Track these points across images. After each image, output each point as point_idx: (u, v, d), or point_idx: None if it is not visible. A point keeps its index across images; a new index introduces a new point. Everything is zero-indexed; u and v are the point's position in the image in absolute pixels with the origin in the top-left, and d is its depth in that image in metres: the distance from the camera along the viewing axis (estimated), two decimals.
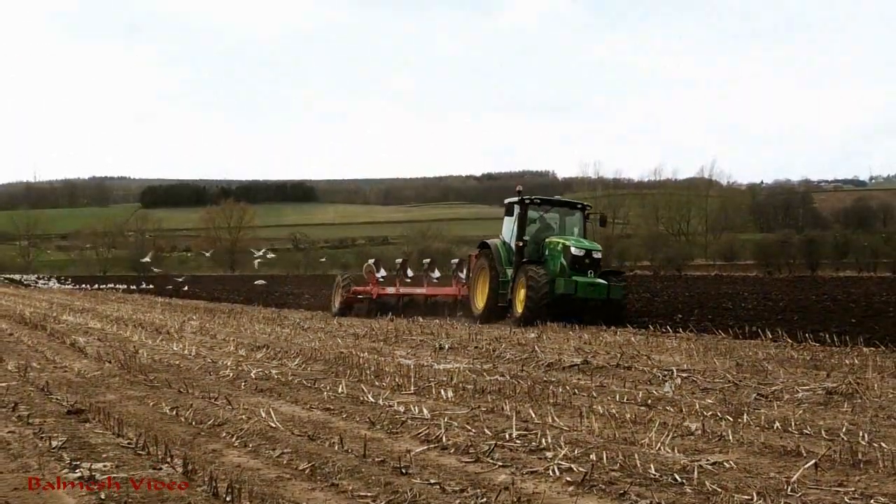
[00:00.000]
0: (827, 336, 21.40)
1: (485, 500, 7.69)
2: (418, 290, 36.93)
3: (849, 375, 15.05)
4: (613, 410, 12.05)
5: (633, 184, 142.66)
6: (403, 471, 8.63)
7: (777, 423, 10.95)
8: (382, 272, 37.84)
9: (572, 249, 29.39)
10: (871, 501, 7.60)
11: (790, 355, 18.71)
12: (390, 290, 36.80)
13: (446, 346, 21.19)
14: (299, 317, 34.64)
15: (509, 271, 30.50)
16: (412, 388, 14.32)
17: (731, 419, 11.40)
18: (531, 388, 14.10)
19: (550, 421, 11.22)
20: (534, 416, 11.61)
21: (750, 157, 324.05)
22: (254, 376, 15.96)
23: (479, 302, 31.41)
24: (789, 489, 7.92)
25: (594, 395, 13.68)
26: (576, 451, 9.39)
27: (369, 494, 7.88)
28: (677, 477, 8.30)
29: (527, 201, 31.23)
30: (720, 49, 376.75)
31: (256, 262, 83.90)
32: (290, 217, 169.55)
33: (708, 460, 9.06)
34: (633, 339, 22.98)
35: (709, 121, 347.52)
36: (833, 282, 51.85)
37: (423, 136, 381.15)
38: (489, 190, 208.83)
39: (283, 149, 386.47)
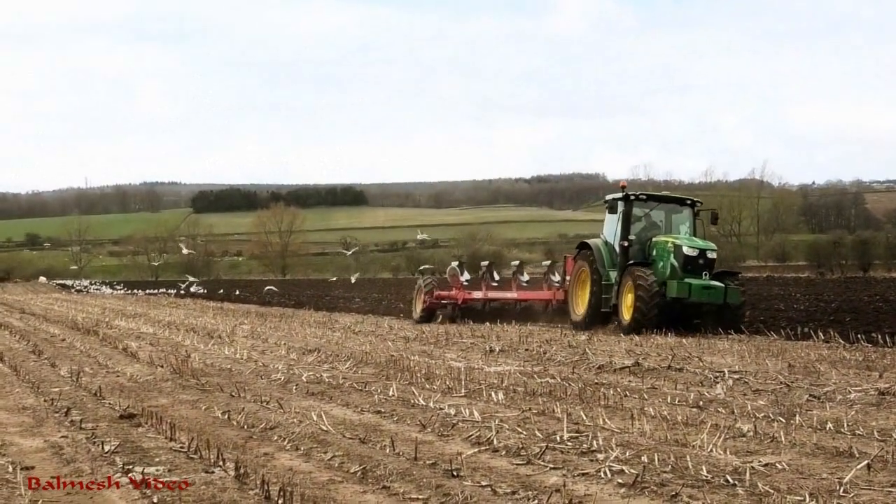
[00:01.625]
0: (879, 337, 21.26)
1: (536, 502, 7.71)
2: (509, 295, 34.32)
3: None
4: (665, 412, 12.02)
5: (684, 186, 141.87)
6: (454, 473, 8.65)
7: (829, 424, 10.90)
8: (467, 275, 35.75)
9: (685, 249, 26.88)
10: None
11: (842, 356, 18.59)
12: (477, 294, 34.61)
13: (497, 349, 21.21)
14: (350, 320, 34.73)
15: (612, 274, 28.03)
16: (463, 391, 14.35)
17: (783, 420, 11.35)
18: (582, 391, 14.10)
19: (601, 423, 11.21)
20: (585, 418, 11.61)
21: (801, 158, 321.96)
22: (305, 380, 16.04)
23: (580, 307, 29.15)
24: (842, 490, 7.89)
25: (645, 396, 13.66)
26: (627, 453, 9.39)
27: (421, 497, 7.91)
28: (729, 478, 8.28)
29: (632, 198, 28.76)
30: (771, 49, 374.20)
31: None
32: (340, 221, 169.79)
33: (760, 461, 9.03)
34: (684, 340, 22.90)
35: (760, 122, 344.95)
36: (885, 282, 51.34)
37: (473, 140, 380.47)
38: (539, 192, 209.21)
39: (334, 154, 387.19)
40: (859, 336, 21.57)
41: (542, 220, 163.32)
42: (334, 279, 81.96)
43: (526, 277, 35.44)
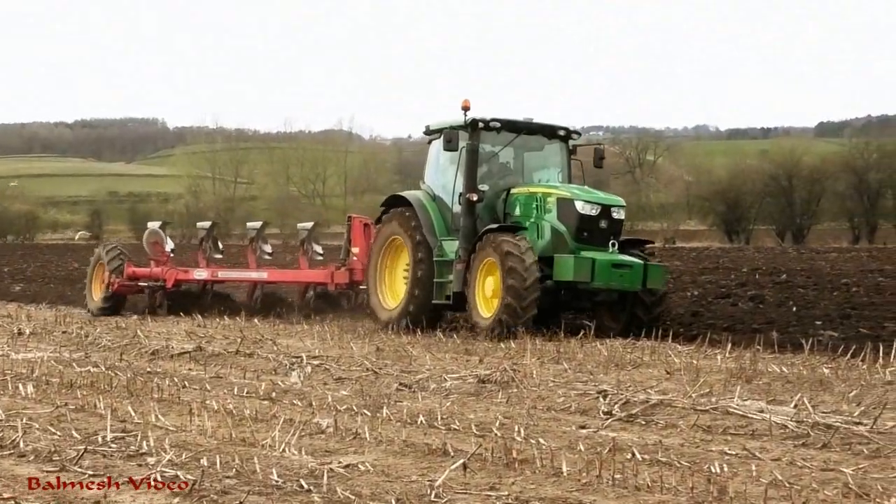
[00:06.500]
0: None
1: None
2: (252, 275, 27.37)
3: (504, 361, 15.53)
4: (231, 406, 12.07)
5: (260, 136, 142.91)
6: None
7: (421, 418, 11.21)
8: (171, 244, 28.76)
9: (578, 205, 20.68)
10: None
11: (438, 339, 19.18)
12: (200, 273, 27.79)
13: (27, 332, 20.75)
14: None
15: (449, 245, 21.56)
16: None
17: (368, 414, 11.60)
18: (131, 381, 13.97)
19: (154, 420, 11.14)
20: (133, 414, 11.50)
21: (394, 108, 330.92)
22: None
23: (389, 297, 22.60)
24: (433, 494, 8.10)
25: (208, 387, 13.69)
26: (183, 456, 9.34)
27: None
28: (304, 483, 8.37)
29: (481, 126, 21.87)
30: None
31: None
32: None
33: (340, 462, 9.17)
34: (256, 320, 23.04)
35: (350, 68, 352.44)
36: None
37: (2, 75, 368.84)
38: (84, 140, 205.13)
39: None
40: (457, 317, 22.27)
41: (87, 174, 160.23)
42: None
43: (269, 249, 28.82)
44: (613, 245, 20.53)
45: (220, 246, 29.55)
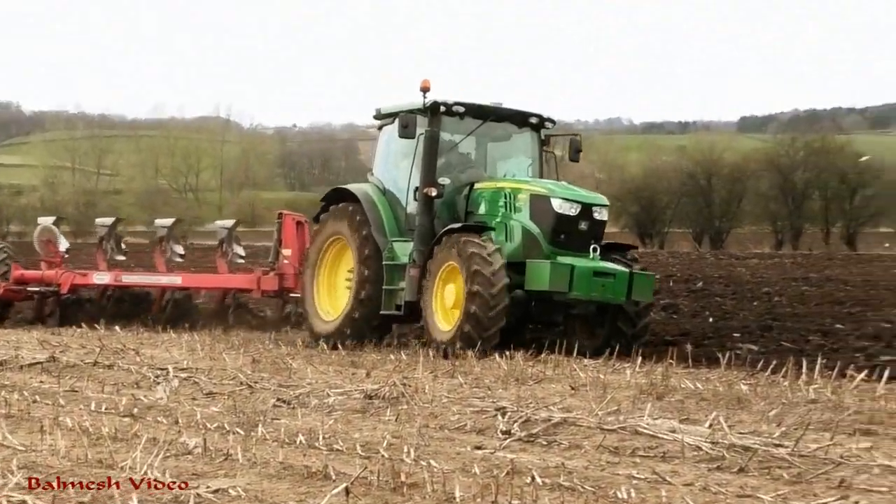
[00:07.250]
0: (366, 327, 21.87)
1: None
2: (163, 280, 26.32)
3: (394, 375, 15.53)
4: (87, 423, 11.93)
5: (127, 123, 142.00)
6: None
7: (301, 437, 11.14)
8: (66, 243, 27.79)
9: (555, 203, 19.64)
10: None
11: (321, 350, 19.13)
12: (99, 277, 26.59)
13: None
14: None
15: (401, 247, 20.69)
16: None
17: (241, 433, 11.50)
18: None
19: (0, 438, 10.98)
20: None
21: (278, 95, 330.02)
22: None
23: (329, 306, 21.77)
24: None
25: (62, 402, 13.54)
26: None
27: None
28: None
29: (442, 110, 20.83)
30: None
31: None
32: None
33: (209, 487, 9.08)
34: (117, 328, 22.85)
35: (229, 53, 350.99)
36: None
37: None
38: None
39: None
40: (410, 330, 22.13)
41: None
42: None
43: (181, 250, 27.56)
44: (595, 250, 19.49)
45: (124, 246, 28.28)
